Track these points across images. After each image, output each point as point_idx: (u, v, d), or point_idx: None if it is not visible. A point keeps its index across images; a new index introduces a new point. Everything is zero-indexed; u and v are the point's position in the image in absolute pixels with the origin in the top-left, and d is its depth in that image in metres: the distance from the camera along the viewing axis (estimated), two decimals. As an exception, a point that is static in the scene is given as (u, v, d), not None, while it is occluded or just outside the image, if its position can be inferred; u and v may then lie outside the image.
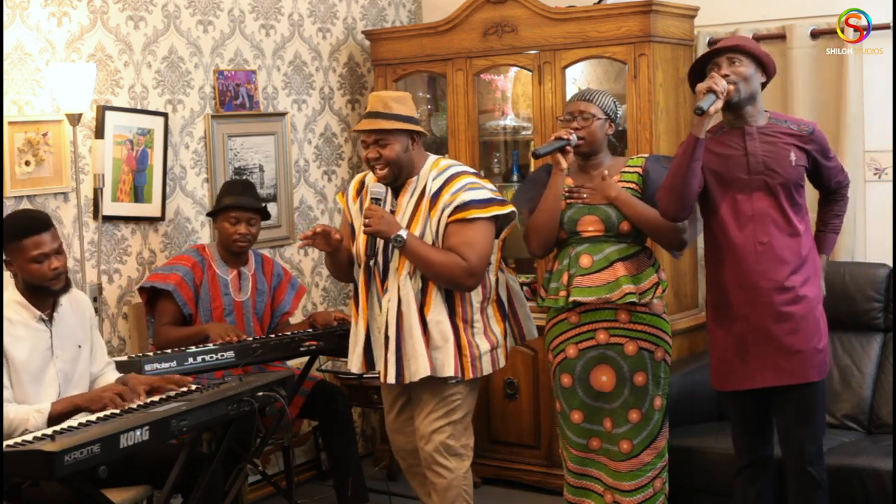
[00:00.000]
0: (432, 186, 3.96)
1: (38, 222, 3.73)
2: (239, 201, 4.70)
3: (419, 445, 4.07)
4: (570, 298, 4.01)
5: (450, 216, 3.91)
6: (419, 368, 3.91)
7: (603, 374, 4.03)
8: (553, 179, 4.05)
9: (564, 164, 4.02)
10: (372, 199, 3.94)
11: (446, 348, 3.92)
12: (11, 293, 3.74)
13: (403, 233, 3.86)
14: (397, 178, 3.97)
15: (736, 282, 3.75)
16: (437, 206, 3.94)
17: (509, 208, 3.98)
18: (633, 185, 4.04)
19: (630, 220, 3.99)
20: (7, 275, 3.79)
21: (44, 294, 3.75)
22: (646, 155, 4.22)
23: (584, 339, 4.04)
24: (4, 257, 3.72)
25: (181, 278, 4.63)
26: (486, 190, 3.99)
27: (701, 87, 3.69)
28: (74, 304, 3.89)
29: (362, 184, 4.15)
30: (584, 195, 4.04)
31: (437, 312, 3.93)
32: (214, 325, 4.59)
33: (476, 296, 3.99)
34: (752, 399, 3.82)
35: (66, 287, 3.81)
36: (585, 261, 4.01)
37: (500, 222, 4.01)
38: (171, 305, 4.62)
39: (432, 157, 4.07)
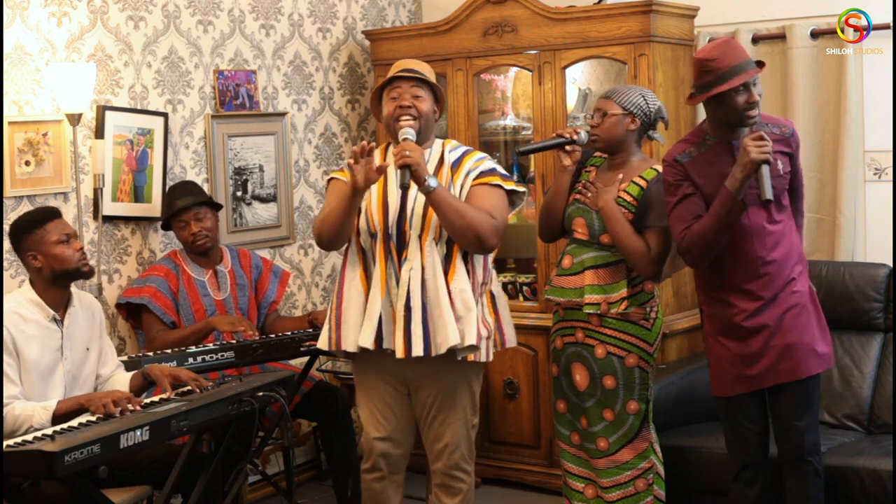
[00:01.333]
0: (450, 157, 3.89)
1: (52, 209, 3.88)
2: (178, 205, 4.69)
3: (444, 452, 3.91)
4: (545, 296, 4.14)
5: (475, 179, 3.84)
6: (448, 337, 3.72)
7: (578, 372, 4.06)
8: (557, 175, 4.09)
9: (567, 161, 4.04)
10: (404, 138, 3.76)
11: (469, 317, 3.77)
12: (26, 291, 3.77)
13: (434, 178, 3.71)
14: (417, 139, 3.82)
15: (739, 294, 3.72)
16: (460, 171, 3.86)
17: (522, 188, 3.93)
18: (628, 198, 3.96)
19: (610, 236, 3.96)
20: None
21: (69, 281, 3.81)
22: (660, 168, 4.06)
23: (568, 334, 4.09)
24: (27, 252, 3.76)
25: (155, 289, 4.62)
26: (502, 168, 3.97)
27: (755, 156, 3.49)
28: (85, 307, 3.93)
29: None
30: (589, 195, 4.02)
31: (461, 280, 3.79)
32: (221, 318, 4.59)
33: (479, 276, 3.87)
34: (752, 399, 3.81)
35: (91, 272, 3.90)
36: (566, 261, 4.07)
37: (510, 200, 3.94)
38: (153, 316, 4.62)
39: (440, 139, 3.99)
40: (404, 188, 3.69)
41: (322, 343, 3.93)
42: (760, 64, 3.70)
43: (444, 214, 3.71)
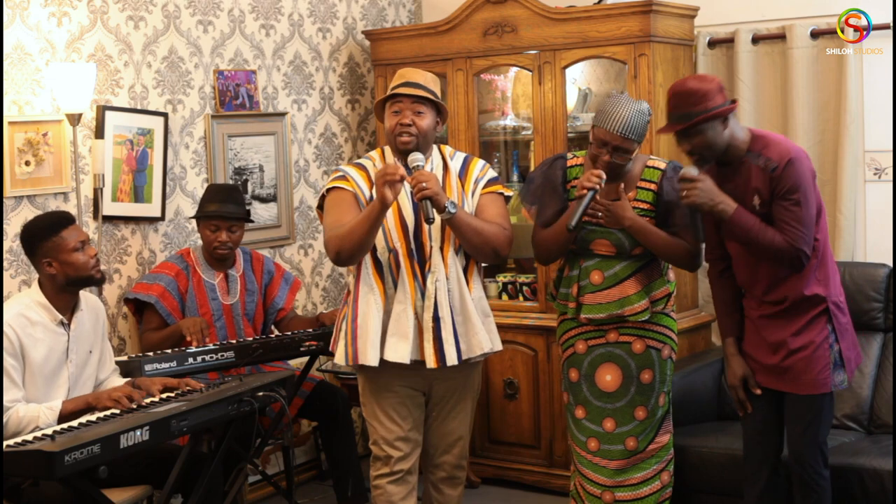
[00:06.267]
0: (454, 165, 3.95)
1: (67, 215, 3.89)
2: (219, 210, 4.65)
3: (456, 445, 4.00)
4: (582, 315, 3.99)
5: (484, 187, 3.94)
6: (481, 343, 3.84)
7: (608, 373, 4.02)
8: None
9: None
10: (416, 166, 3.79)
11: (489, 323, 3.92)
12: (34, 294, 3.77)
13: (453, 203, 3.75)
14: (415, 151, 3.86)
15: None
16: (469, 179, 3.94)
17: (515, 194, 3.98)
18: (644, 205, 3.94)
19: (643, 246, 3.94)
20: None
21: (81, 287, 3.82)
22: (664, 163, 4.03)
23: (594, 337, 4.04)
24: (42, 258, 3.75)
25: (164, 289, 4.61)
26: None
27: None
28: (91, 310, 3.93)
29: (367, 171, 3.94)
30: (599, 214, 3.91)
31: (478, 289, 3.92)
32: (186, 320, 4.55)
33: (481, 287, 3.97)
34: (764, 397, 3.85)
35: (103, 278, 3.93)
36: (596, 277, 3.97)
37: None
38: (156, 315, 4.61)
39: (435, 144, 4.00)
40: (429, 222, 3.71)
41: (339, 358, 3.89)
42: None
43: (464, 235, 3.81)
